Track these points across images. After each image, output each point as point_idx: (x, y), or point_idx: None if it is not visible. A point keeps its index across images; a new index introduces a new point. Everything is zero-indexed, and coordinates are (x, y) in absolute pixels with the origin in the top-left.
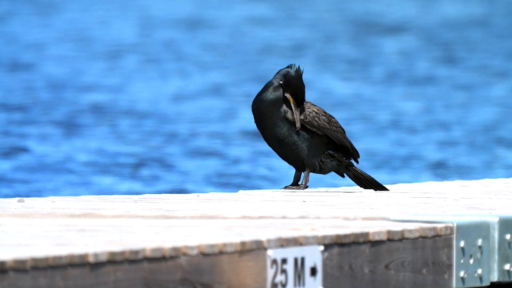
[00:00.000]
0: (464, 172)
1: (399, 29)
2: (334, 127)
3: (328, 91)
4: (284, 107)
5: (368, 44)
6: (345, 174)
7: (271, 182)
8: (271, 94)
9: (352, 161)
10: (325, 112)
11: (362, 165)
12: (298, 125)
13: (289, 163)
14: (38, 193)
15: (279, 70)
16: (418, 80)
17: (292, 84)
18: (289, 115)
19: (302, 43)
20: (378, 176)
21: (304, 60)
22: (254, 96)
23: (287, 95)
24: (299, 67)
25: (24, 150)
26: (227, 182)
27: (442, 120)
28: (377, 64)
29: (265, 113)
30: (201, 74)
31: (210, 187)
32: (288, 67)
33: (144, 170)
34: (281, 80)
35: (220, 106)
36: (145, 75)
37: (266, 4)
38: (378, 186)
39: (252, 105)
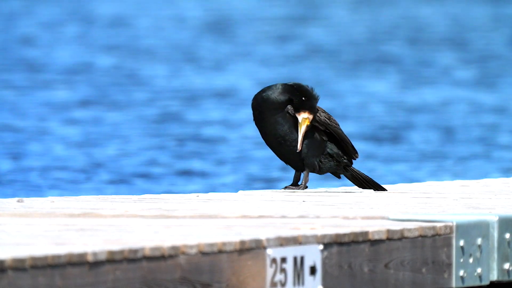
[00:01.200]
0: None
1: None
2: (334, 124)
3: (342, 94)
4: (289, 107)
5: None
6: (342, 175)
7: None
8: (275, 94)
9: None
10: (324, 111)
11: (362, 166)
12: (300, 147)
13: (288, 164)
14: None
15: (298, 84)
16: (435, 79)
17: (317, 110)
18: (291, 112)
19: (319, 45)
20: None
21: (319, 62)
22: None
23: (310, 117)
24: (318, 95)
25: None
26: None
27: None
28: (393, 65)
29: (266, 111)
30: (220, 74)
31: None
32: (311, 89)
33: (157, 169)
34: (304, 97)
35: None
36: (161, 75)
37: (286, 3)
38: (376, 186)
39: (253, 102)
